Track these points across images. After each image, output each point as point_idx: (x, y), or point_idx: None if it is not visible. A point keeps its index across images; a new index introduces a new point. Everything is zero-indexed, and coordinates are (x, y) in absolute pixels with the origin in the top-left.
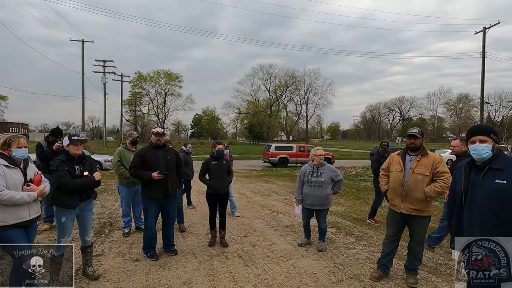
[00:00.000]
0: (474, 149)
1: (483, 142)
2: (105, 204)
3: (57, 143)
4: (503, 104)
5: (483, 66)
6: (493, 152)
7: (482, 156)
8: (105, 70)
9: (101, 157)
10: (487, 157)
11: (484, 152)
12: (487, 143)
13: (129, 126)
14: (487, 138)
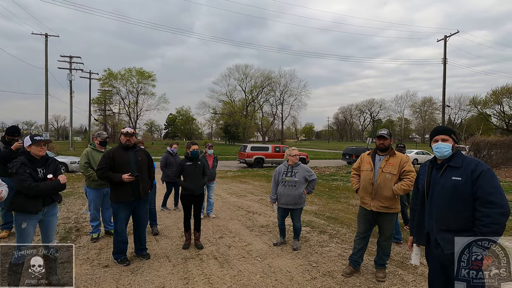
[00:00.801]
0: (436, 147)
1: (445, 141)
2: (71, 208)
3: (17, 143)
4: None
5: (444, 72)
6: (453, 150)
7: (443, 154)
8: (71, 66)
9: (67, 159)
10: (448, 155)
11: (445, 150)
12: (448, 142)
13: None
14: (448, 138)
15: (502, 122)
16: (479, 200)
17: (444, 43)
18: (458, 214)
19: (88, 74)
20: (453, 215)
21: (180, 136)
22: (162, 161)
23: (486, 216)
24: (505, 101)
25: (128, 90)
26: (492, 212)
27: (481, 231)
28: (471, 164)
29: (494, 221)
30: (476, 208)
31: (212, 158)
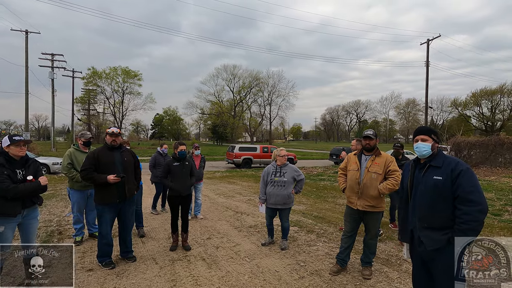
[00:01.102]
0: (416, 147)
1: (424, 141)
2: (53, 211)
3: None
4: (443, 109)
5: (427, 74)
6: (433, 151)
7: (422, 153)
8: (53, 64)
9: (49, 160)
10: (427, 154)
11: (424, 149)
12: (428, 142)
13: (82, 126)
14: (428, 138)
15: (481, 123)
16: (459, 198)
17: (427, 47)
18: (440, 212)
19: (71, 72)
20: (434, 213)
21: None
22: (151, 161)
23: (466, 214)
24: (483, 103)
25: (113, 90)
26: (471, 210)
27: (460, 228)
28: (451, 163)
29: (473, 219)
30: (456, 206)
31: (199, 159)
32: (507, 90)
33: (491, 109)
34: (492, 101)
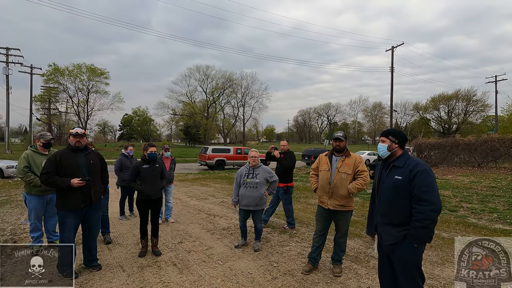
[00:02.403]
0: (378, 147)
1: (383, 142)
2: (7, 219)
3: None
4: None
5: (392, 79)
6: (390, 151)
7: (380, 153)
8: (8, 59)
9: (3, 163)
10: (385, 154)
11: (381, 150)
12: (385, 143)
13: (41, 126)
14: (385, 139)
15: (439, 126)
16: (415, 197)
17: (392, 53)
18: (398, 210)
19: (29, 68)
20: (394, 211)
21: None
22: (116, 165)
23: (419, 212)
24: (441, 107)
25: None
26: (425, 209)
27: (414, 225)
28: (411, 164)
29: (426, 217)
30: (412, 205)
31: (169, 161)
32: (462, 95)
33: (448, 113)
34: (449, 106)
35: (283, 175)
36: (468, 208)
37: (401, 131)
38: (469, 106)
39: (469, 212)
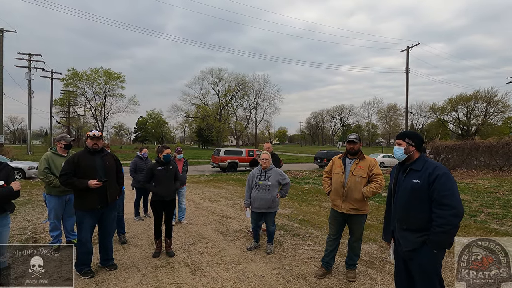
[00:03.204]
0: (394, 150)
1: (399, 145)
2: (28, 218)
3: None
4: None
5: (407, 80)
6: (407, 154)
7: (396, 156)
8: (30, 64)
9: (24, 164)
10: (401, 157)
11: (397, 153)
12: (401, 145)
13: (61, 129)
14: (401, 142)
15: (457, 127)
16: (435, 202)
17: (407, 54)
18: (416, 215)
19: (50, 73)
20: (411, 216)
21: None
22: (131, 166)
23: (440, 217)
24: (459, 108)
25: (95, 92)
26: (446, 213)
27: (435, 231)
28: (430, 167)
29: (447, 222)
30: (432, 209)
31: (182, 163)
32: (481, 96)
33: (466, 115)
34: (467, 107)
35: None
36: (489, 213)
37: (417, 133)
38: (489, 107)
39: (490, 218)
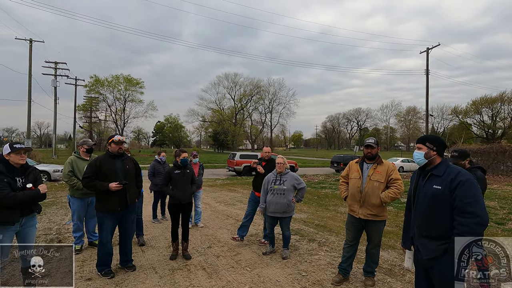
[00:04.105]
0: (413, 155)
1: (419, 149)
2: (53, 219)
3: None
4: (444, 116)
5: (427, 82)
6: (428, 159)
7: (416, 161)
8: (56, 72)
9: (50, 167)
10: (421, 162)
11: (417, 157)
12: (421, 150)
13: (83, 134)
14: (422, 146)
15: (482, 131)
16: (457, 209)
17: (427, 55)
18: (437, 222)
19: (74, 80)
20: (432, 223)
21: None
22: (150, 170)
23: (462, 225)
24: (484, 111)
25: (115, 97)
26: (468, 221)
27: None
28: (452, 173)
29: (470, 231)
30: (453, 217)
31: (198, 166)
32: (507, 98)
33: (491, 117)
34: (493, 109)
35: None
36: None
37: (439, 137)
38: None
39: None
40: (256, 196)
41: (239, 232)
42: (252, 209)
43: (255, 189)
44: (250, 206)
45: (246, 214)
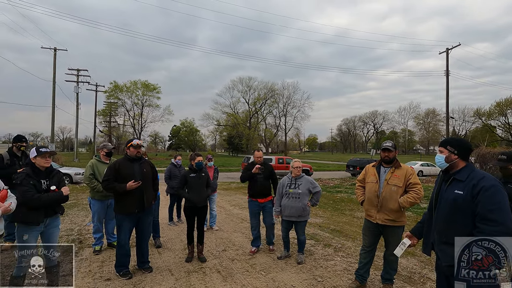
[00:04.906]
0: (435, 158)
1: (441, 152)
2: (74, 220)
3: None
4: (466, 119)
5: (447, 84)
6: (449, 162)
7: (437, 165)
8: (78, 79)
9: (72, 170)
10: (442, 166)
11: (438, 161)
12: (443, 153)
13: (103, 138)
14: (443, 149)
15: (507, 133)
16: (478, 216)
17: (446, 56)
18: (458, 229)
19: (94, 86)
20: (453, 229)
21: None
22: (166, 173)
23: (482, 232)
24: (509, 112)
25: (133, 102)
26: (489, 229)
27: None
28: (475, 178)
29: None
30: (475, 224)
31: (213, 170)
32: None
33: None
34: None
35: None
36: None
37: (462, 140)
38: None
39: None
40: (255, 205)
41: (253, 244)
42: (257, 220)
43: (252, 196)
44: (253, 218)
45: (253, 226)
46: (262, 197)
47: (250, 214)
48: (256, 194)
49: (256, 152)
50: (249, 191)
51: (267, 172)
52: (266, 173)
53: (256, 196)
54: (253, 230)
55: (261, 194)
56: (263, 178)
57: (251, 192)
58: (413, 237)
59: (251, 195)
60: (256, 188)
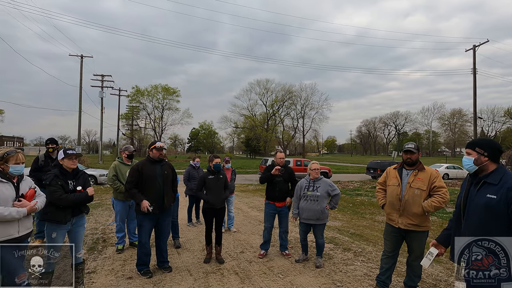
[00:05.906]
0: (462, 161)
1: (468, 154)
2: (99, 220)
3: None
4: (495, 119)
5: (474, 82)
6: (478, 165)
7: (465, 168)
8: (103, 84)
9: (96, 171)
10: (471, 169)
11: (466, 163)
12: (471, 155)
13: (126, 140)
14: (471, 151)
15: None
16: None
17: (473, 53)
18: (491, 235)
19: (118, 91)
20: (485, 234)
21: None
22: (185, 175)
23: None
24: None
25: (154, 106)
26: None
27: None
28: (509, 182)
29: None
30: (511, 229)
31: (230, 172)
32: None
33: None
34: None
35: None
36: None
37: (492, 141)
38: None
39: None
40: (271, 207)
41: (262, 247)
42: (271, 223)
43: (269, 199)
44: (268, 221)
45: (266, 228)
46: (279, 201)
47: (265, 216)
48: (274, 197)
49: (278, 153)
50: (267, 193)
51: (286, 174)
52: (285, 175)
53: (274, 199)
54: (265, 232)
55: (278, 197)
56: (283, 181)
57: (268, 194)
58: (440, 245)
59: (268, 198)
60: (274, 191)
